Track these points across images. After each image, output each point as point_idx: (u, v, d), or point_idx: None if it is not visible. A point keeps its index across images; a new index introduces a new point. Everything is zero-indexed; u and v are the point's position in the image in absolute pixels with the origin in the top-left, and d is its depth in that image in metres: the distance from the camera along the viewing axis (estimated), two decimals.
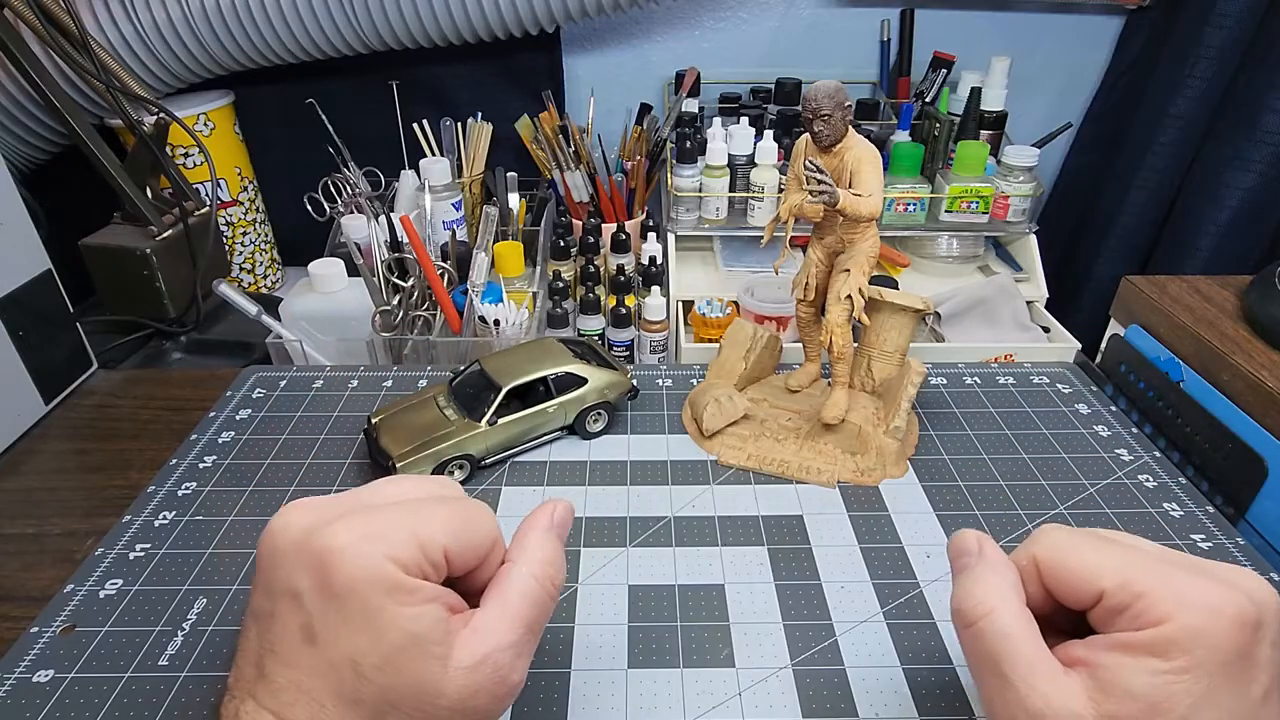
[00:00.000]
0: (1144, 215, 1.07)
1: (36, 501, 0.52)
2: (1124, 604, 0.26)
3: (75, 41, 0.76)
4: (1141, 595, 0.26)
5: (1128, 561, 0.27)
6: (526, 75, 1.08)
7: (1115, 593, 0.26)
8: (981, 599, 0.28)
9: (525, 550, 0.30)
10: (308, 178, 0.94)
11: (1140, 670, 0.25)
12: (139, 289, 0.78)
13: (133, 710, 0.37)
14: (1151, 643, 0.25)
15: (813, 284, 0.54)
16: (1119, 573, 0.27)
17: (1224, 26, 0.94)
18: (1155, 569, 0.26)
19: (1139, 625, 0.26)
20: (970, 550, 0.30)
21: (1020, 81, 1.06)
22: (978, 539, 0.31)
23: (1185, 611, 0.25)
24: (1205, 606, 0.25)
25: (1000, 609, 0.28)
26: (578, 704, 0.38)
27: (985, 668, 0.28)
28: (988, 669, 0.28)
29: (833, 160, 0.48)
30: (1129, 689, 0.25)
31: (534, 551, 0.30)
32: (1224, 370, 0.57)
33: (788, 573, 0.45)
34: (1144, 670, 0.25)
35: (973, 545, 0.31)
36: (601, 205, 1.03)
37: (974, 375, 0.64)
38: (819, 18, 1.11)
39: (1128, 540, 0.29)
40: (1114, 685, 0.25)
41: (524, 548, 0.30)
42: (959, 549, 0.31)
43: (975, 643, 0.28)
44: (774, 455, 0.53)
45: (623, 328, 0.86)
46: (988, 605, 0.28)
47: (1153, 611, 0.25)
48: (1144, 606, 0.26)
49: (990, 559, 0.30)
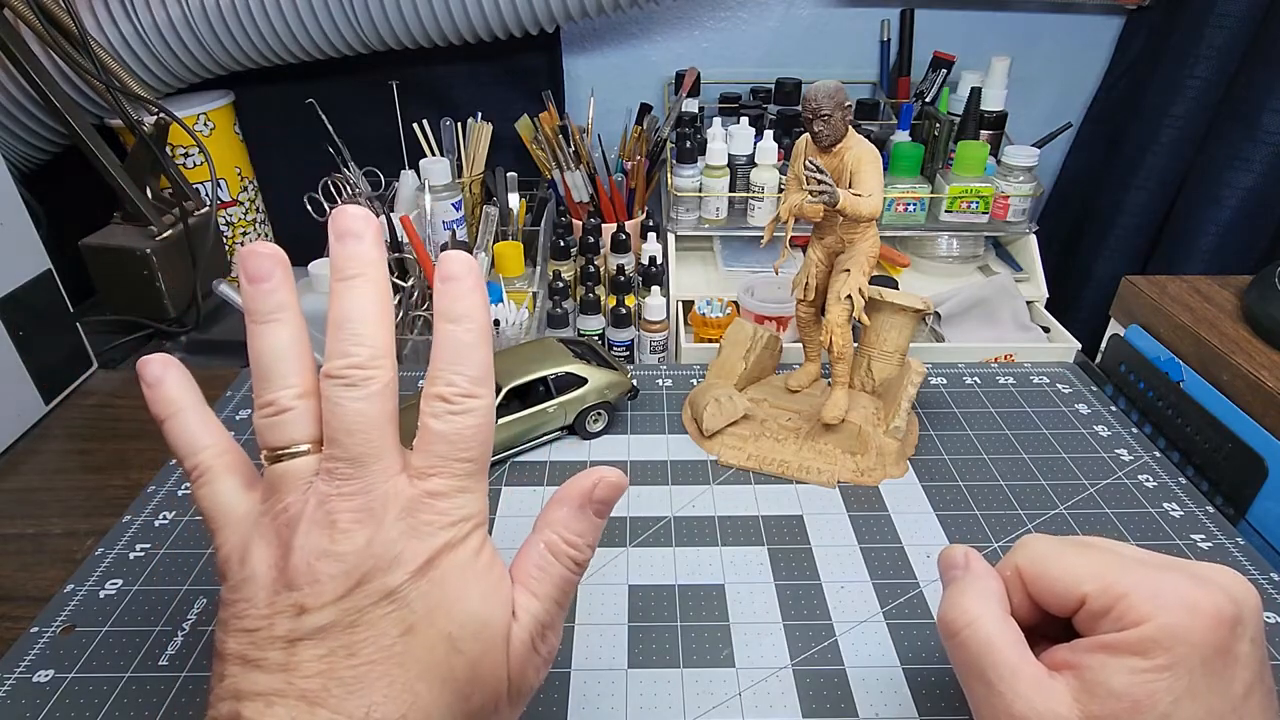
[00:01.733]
0: (1144, 215, 1.06)
1: (36, 501, 0.52)
2: (1106, 607, 0.27)
3: (75, 41, 0.76)
4: (1122, 597, 0.26)
5: (1108, 565, 0.27)
6: (526, 75, 1.08)
7: (1097, 596, 0.27)
8: (965, 609, 0.29)
9: (546, 522, 0.29)
10: (308, 178, 0.94)
11: (1122, 669, 0.25)
12: (139, 289, 0.78)
13: (133, 710, 0.37)
14: (1132, 642, 0.25)
15: (813, 284, 0.54)
16: (1099, 577, 0.27)
17: (1224, 26, 0.94)
18: (1135, 571, 0.27)
19: (1121, 626, 0.26)
20: (958, 564, 0.32)
21: (1020, 81, 1.06)
22: (965, 554, 0.32)
23: (1164, 611, 0.25)
24: (1183, 605, 0.25)
25: (983, 618, 0.28)
26: (578, 704, 0.38)
27: (972, 676, 0.28)
28: (974, 677, 0.28)
29: (833, 160, 0.48)
30: (1111, 688, 0.25)
31: (554, 524, 0.29)
32: (1224, 370, 0.57)
33: (788, 573, 0.45)
34: (1126, 669, 0.25)
35: (960, 559, 0.32)
36: (601, 205, 1.03)
37: (974, 375, 0.64)
38: (819, 18, 1.11)
39: (1108, 545, 0.29)
40: (1097, 685, 0.26)
41: (546, 520, 0.29)
42: (948, 563, 0.32)
43: (960, 652, 0.29)
44: (774, 455, 0.53)
45: (623, 328, 0.86)
46: (970, 615, 0.29)
47: (1133, 613, 0.26)
48: (1125, 608, 0.26)
49: (975, 570, 0.31)
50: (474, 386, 0.26)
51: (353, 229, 0.27)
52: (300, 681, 0.24)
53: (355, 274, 0.27)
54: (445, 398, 0.26)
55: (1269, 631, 0.41)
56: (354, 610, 0.24)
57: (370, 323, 0.26)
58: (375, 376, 0.26)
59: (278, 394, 0.27)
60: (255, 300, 0.28)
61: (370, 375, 0.26)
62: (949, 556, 0.32)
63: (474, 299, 0.27)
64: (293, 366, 0.27)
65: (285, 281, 0.28)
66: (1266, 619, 0.42)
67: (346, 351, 0.26)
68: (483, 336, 0.27)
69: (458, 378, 0.26)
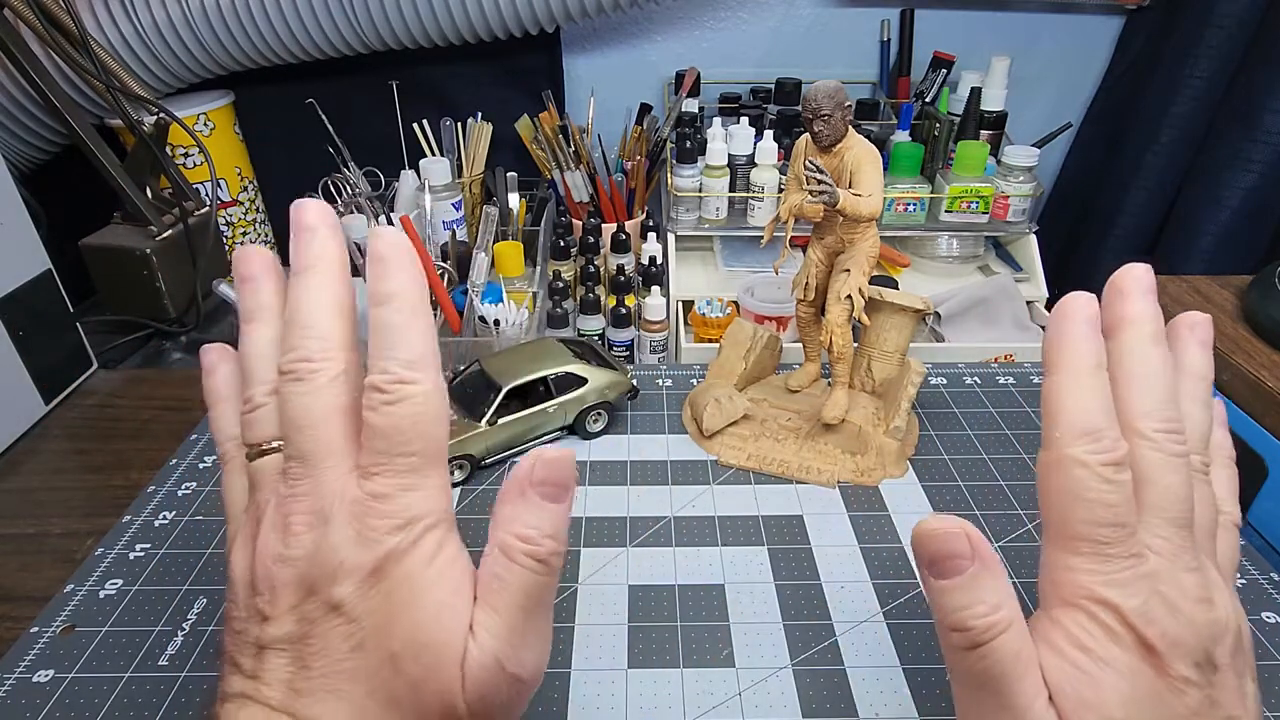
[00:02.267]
0: (1144, 215, 1.07)
1: (36, 501, 0.52)
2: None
3: (75, 41, 0.76)
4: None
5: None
6: (526, 75, 1.08)
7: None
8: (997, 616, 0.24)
9: (495, 522, 0.25)
10: (308, 178, 0.94)
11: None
12: (139, 289, 0.78)
13: (132, 710, 0.37)
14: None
15: (813, 284, 0.54)
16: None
17: (1224, 26, 0.94)
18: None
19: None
20: (962, 552, 0.24)
21: (1020, 81, 1.06)
22: (966, 535, 0.24)
23: None
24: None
25: (1015, 624, 0.24)
26: (578, 704, 0.38)
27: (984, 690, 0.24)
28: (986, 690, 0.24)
29: (833, 160, 0.48)
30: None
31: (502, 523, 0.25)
32: (1224, 370, 0.57)
33: (788, 573, 0.45)
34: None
35: (964, 545, 0.24)
36: (601, 205, 1.03)
37: (974, 375, 0.64)
38: (819, 18, 1.11)
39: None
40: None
41: (495, 521, 0.25)
42: (945, 550, 0.24)
43: (980, 663, 0.24)
44: (774, 455, 0.53)
45: (623, 328, 0.86)
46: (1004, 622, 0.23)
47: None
48: None
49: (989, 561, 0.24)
50: (407, 371, 0.24)
51: (306, 222, 0.27)
52: (265, 690, 0.24)
53: (307, 266, 0.26)
54: (379, 386, 0.24)
55: (1269, 631, 0.41)
56: (306, 621, 0.24)
57: (319, 314, 0.25)
58: (322, 369, 0.25)
59: (254, 390, 0.27)
60: (242, 300, 0.28)
61: (316, 368, 0.25)
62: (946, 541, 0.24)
63: (401, 277, 0.25)
64: (269, 364, 0.27)
65: (270, 283, 0.28)
66: (1266, 619, 0.42)
67: (294, 345, 0.25)
68: (415, 314, 0.25)
69: (390, 363, 0.24)
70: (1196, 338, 0.29)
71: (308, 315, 0.26)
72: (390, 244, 0.25)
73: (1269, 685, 0.38)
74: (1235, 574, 0.28)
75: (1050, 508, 0.25)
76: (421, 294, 0.25)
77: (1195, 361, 0.28)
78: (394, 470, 0.24)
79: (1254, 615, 0.42)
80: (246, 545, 0.26)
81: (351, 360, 0.26)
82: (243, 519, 0.27)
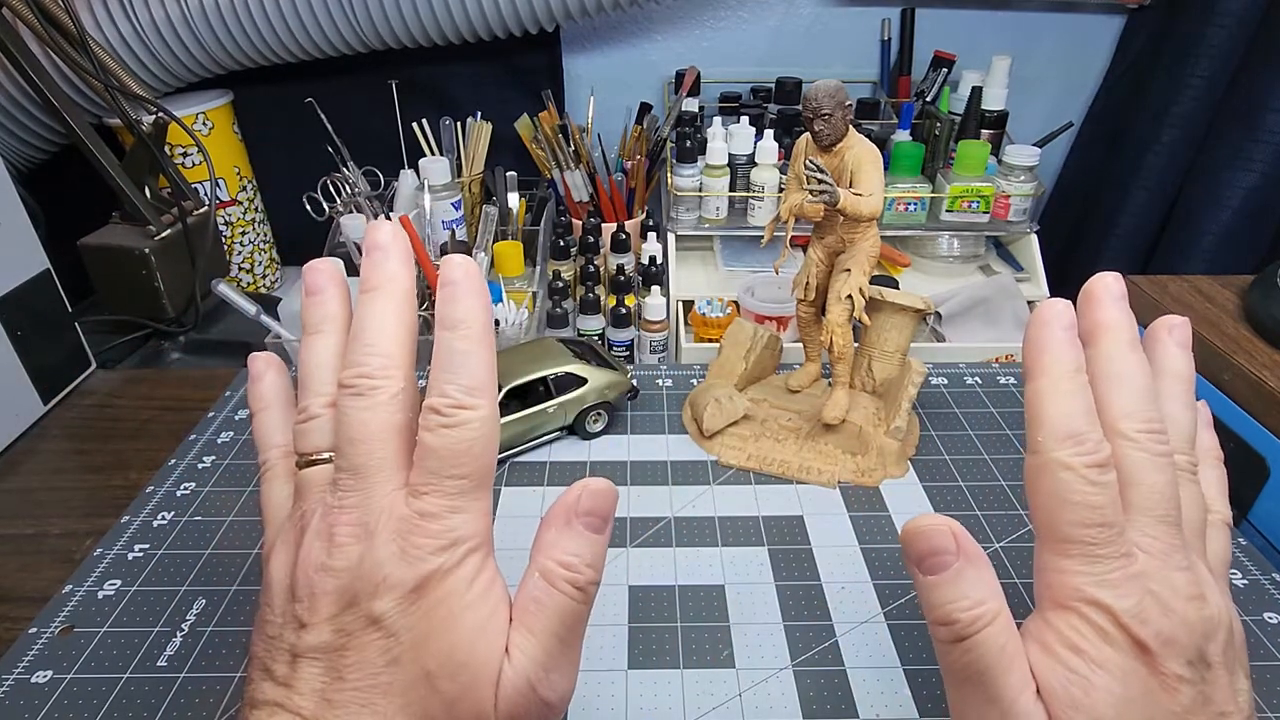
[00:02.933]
0: (1145, 215, 1.06)
1: (35, 501, 0.52)
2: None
3: (74, 41, 0.76)
4: None
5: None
6: (526, 75, 1.08)
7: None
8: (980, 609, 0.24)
9: (538, 547, 0.27)
10: (307, 177, 0.94)
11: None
12: (138, 289, 0.78)
13: (131, 711, 0.37)
14: None
15: (813, 284, 0.54)
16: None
17: (1224, 26, 0.94)
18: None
19: None
20: (947, 548, 0.25)
21: (1021, 81, 1.06)
22: (952, 532, 0.25)
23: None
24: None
25: (1000, 619, 0.24)
26: (578, 704, 0.37)
27: (969, 684, 0.25)
28: (971, 685, 0.25)
29: (833, 160, 0.48)
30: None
31: (544, 548, 0.26)
32: (1225, 370, 0.57)
33: (788, 573, 0.45)
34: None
35: (949, 542, 0.25)
36: (601, 205, 1.03)
37: (975, 375, 0.64)
38: (819, 17, 1.11)
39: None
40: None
41: (538, 545, 0.27)
42: (931, 546, 0.25)
43: (965, 656, 0.25)
44: (774, 455, 0.53)
45: (623, 328, 0.86)
46: (988, 615, 0.24)
47: None
48: None
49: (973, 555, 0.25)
50: (467, 397, 0.25)
51: (380, 242, 0.27)
52: (297, 699, 0.24)
53: (375, 286, 0.27)
54: (437, 409, 0.25)
55: (1270, 632, 0.41)
56: (344, 633, 0.24)
57: (385, 334, 0.26)
58: (382, 386, 0.25)
59: (310, 401, 0.27)
60: (306, 311, 0.29)
61: (377, 385, 0.25)
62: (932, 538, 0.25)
63: (470, 303, 0.26)
64: (328, 376, 0.27)
65: (337, 298, 0.29)
66: (1268, 619, 0.42)
67: (357, 361, 0.26)
68: (480, 343, 0.26)
69: (450, 387, 0.25)
70: (1175, 339, 0.29)
71: (373, 334, 0.26)
72: (460, 270, 0.26)
73: (1271, 685, 0.38)
74: (1228, 572, 0.28)
75: (1039, 511, 0.26)
76: (488, 322, 0.26)
77: (1175, 363, 0.29)
78: (443, 491, 0.25)
79: (1255, 615, 0.42)
80: (288, 552, 0.26)
81: (410, 380, 0.27)
82: (285, 525, 0.27)
